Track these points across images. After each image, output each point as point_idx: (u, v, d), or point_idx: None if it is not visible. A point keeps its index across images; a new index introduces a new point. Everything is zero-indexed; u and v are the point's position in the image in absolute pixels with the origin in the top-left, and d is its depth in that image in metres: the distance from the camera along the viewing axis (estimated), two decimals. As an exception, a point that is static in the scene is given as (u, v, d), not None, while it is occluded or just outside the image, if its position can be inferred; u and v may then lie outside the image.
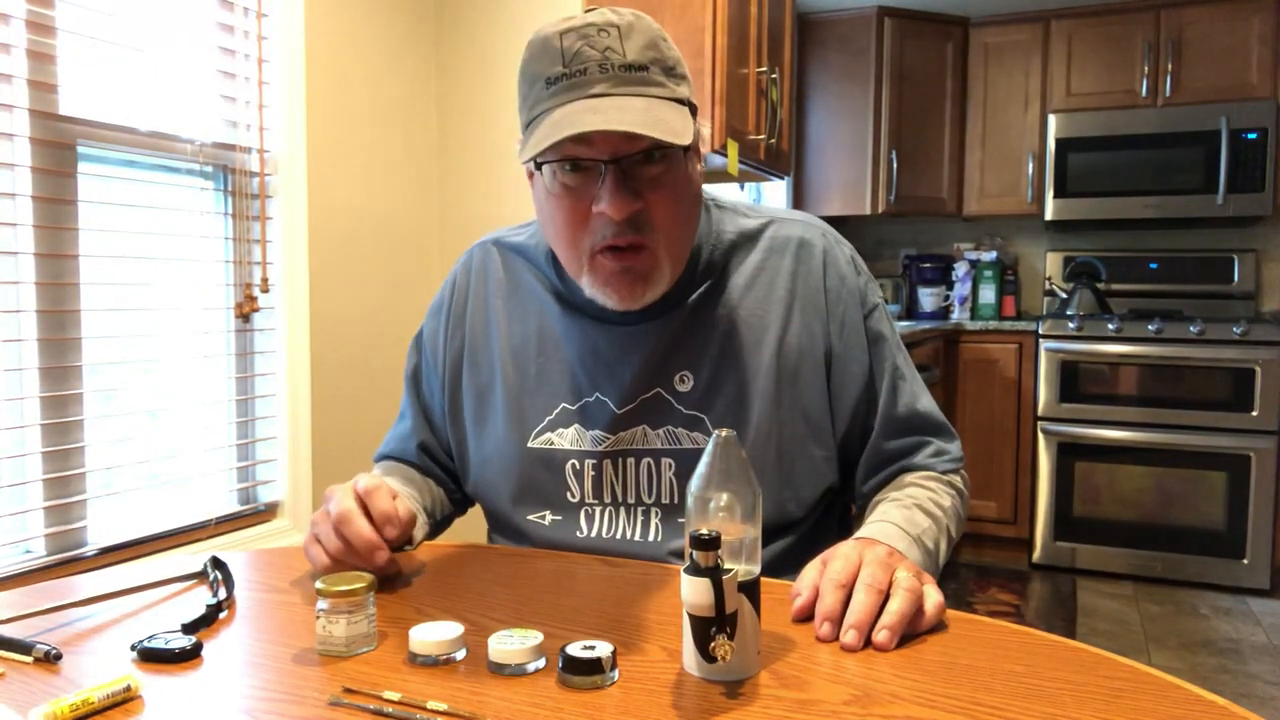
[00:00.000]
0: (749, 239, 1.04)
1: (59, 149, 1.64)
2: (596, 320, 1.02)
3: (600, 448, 1.00)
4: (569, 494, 1.02)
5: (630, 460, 1.00)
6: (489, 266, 1.11)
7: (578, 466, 1.01)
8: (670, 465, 0.99)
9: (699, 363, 1.00)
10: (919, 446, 1.04)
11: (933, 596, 0.78)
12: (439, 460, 1.15)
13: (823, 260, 1.03)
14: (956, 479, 1.05)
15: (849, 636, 0.73)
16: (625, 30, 0.86)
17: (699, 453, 0.96)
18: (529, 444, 1.03)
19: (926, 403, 1.06)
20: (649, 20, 0.90)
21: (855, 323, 1.02)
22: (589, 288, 0.95)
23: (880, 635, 0.73)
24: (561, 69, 0.86)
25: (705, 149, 2.19)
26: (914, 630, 0.76)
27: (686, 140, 0.84)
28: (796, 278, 1.02)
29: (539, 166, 0.92)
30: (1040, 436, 3.71)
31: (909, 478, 1.02)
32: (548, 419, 1.03)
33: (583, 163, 0.88)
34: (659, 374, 1.00)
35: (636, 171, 0.88)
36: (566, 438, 1.01)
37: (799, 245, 1.03)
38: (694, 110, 0.92)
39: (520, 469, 1.03)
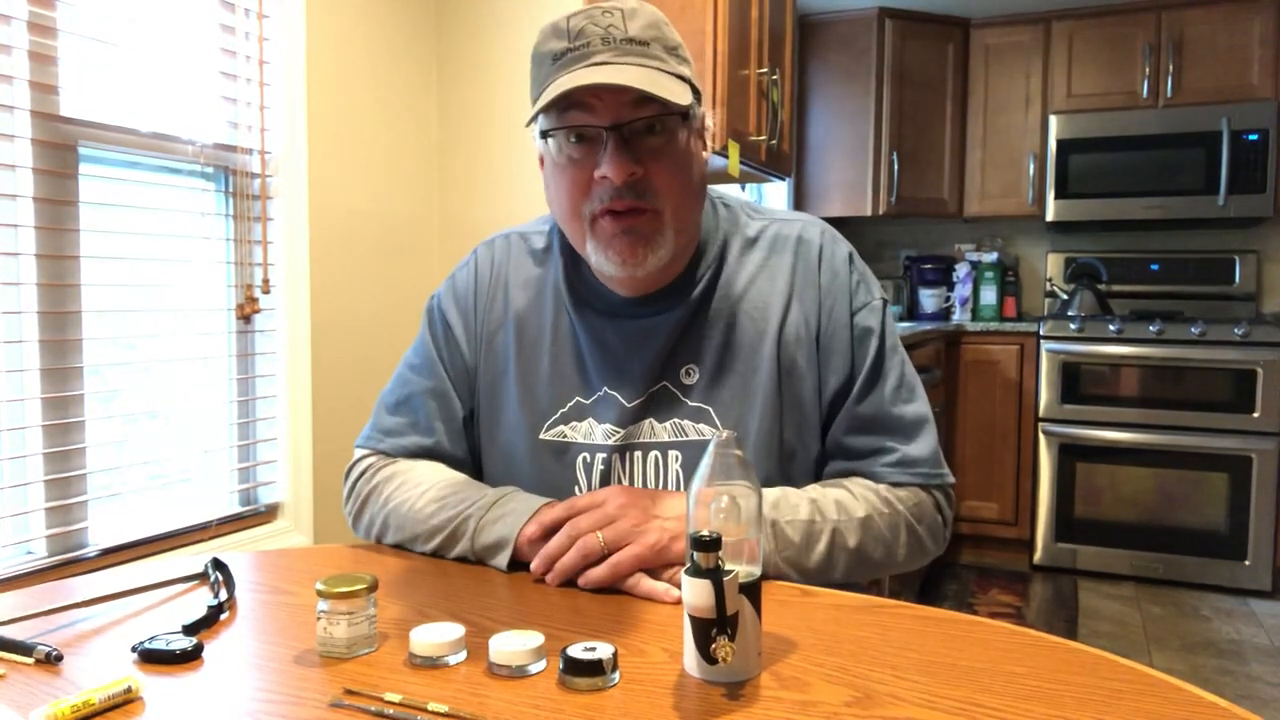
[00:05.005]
0: (753, 238, 1.07)
1: (60, 150, 1.65)
2: (607, 316, 1.04)
3: (611, 441, 1.01)
4: (576, 488, 1.03)
5: (638, 454, 1.01)
6: (511, 256, 1.12)
7: (588, 460, 1.02)
8: (677, 457, 1.00)
9: (704, 356, 1.02)
10: (879, 451, 1.01)
11: (642, 543, 0.88)
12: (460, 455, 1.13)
13: (818, 255, 1.05)
14: (907, 493, 1.00)
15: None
16: (629, 13, 0.92)
17: (704, 444, 0.96)
18: (541, 435, 1.04)
19: (904, 407, 1.02)
20: (653, 8, 0.95)
21: (842, 317, 1.03)
22: (593, 254, 0.97)
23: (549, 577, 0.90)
24: (567, 44, 0.91)
25: (711, 143, 2.22)
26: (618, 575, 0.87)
27: (684, 101, 0.90)
28: (795, 272, 1.04)
29: (546, 139, 0.95)
30: (1041, 437, 3.71)
31: (846, 480, 1.01)
32: (560, 412, 1.04)
33: (587, 131, 0.92)
34: (666, 367, 1.02)
35: (637, 141, 0.92)
36: (580, 431, 1.03)
37: (798, 241, 1.06)
38: (698, 94, 0.96)
39: (531, 460, 1.04)
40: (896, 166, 3.93)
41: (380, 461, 1.09)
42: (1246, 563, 3.44)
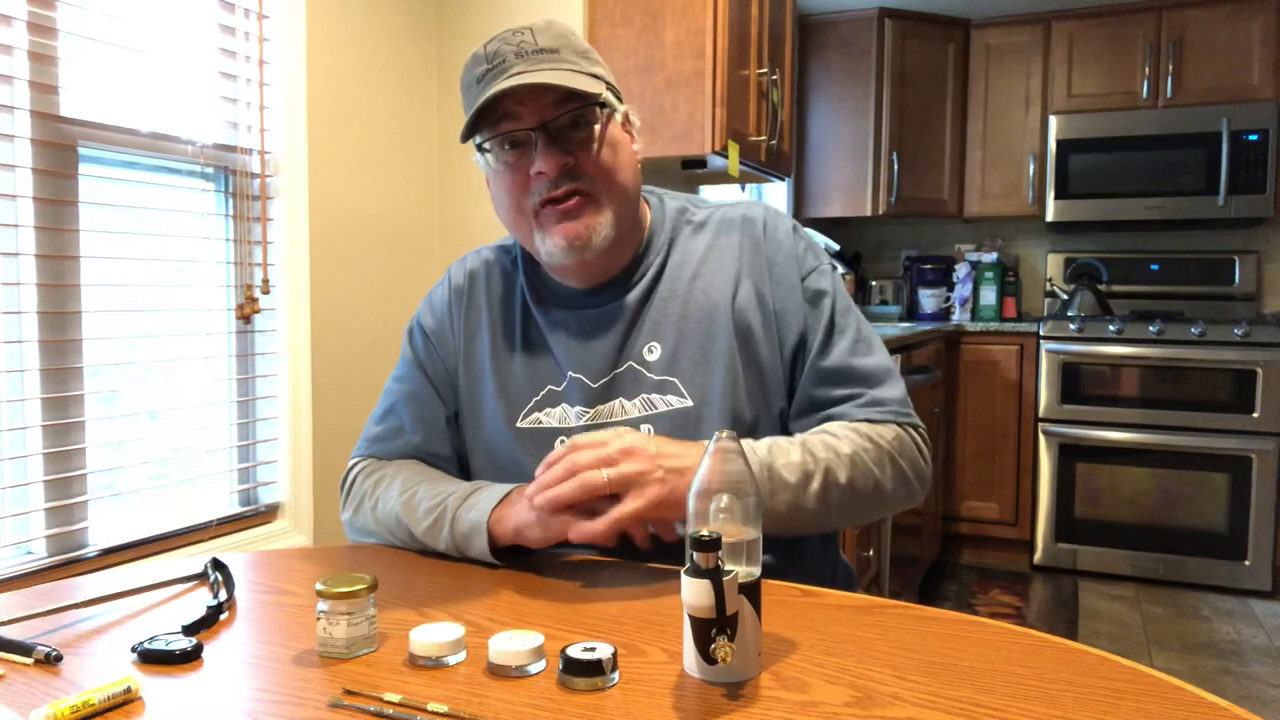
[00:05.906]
0: (699, 225, 1.13)
1: (60, 150, 1.65)
2: (568, 308, 1.11)
3: (582, 422, 1.06)
4: None
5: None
6: (479, 269, 1.18)
7: (565, 441, 1.06)
8: (649, 430, 1.04)
9: (664, 332, 1.07)
10: (850, 398, 1.06)
11: (643, 496, 0.87)
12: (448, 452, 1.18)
13: (763, 230, 1.11)
14: (885, 429, 1.03)
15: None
16: (538, 29, 1.01)
17: (673, 413, 1.04)
18: (518, 424, 1.09)
19: (866, 360, 1.07)
20: (562, 22, 1.05)
21: (792, 283, 1.08)
22: (541, 246, 1.03)
23: (537, 499, 0.89)
24: (487, 66, 1.00)
25: (712, 144, 2.23)
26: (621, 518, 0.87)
27: (596, 90, 0.98)
28: (743, 249, 1.10)
29: (484, 152, 1.03)
30: (1041, 438, 3.71)
31: (826, 425, 1.04)
32: (534, 400, 1.09)
33: (517, 135, 0.99)
34: (629, 348, 1.07)
35: (565, 136, 1.00)
36: (554, 416, 1.08)
37: (743, 220, 1.12)
38: (616, 93, 1.05)
39: (511, 449, 1.09)
40: (896, 166, 3.93)
41: (372, 465, 1.14)
42: (1246, 563, 3.44)
